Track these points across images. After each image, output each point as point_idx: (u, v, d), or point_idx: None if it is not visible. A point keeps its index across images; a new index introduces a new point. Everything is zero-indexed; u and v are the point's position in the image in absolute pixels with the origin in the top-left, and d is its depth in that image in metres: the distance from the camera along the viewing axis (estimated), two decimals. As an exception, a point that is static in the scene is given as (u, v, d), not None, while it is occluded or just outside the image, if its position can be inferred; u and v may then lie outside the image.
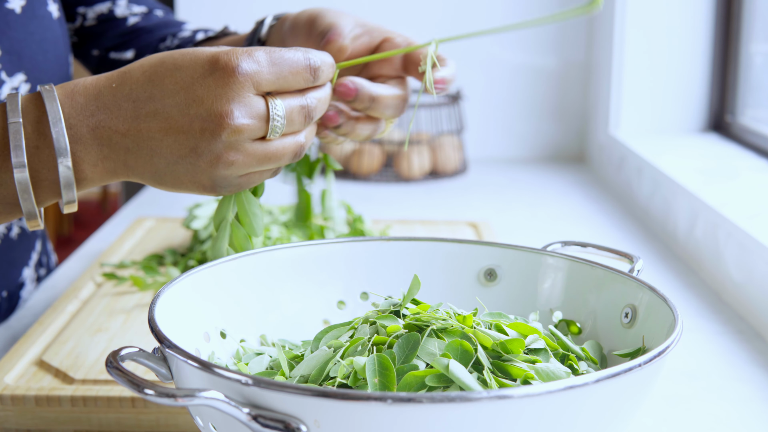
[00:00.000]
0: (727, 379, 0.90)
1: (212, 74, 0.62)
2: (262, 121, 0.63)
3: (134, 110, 0.63)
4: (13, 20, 0.89)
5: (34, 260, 1.08)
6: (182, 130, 0.62)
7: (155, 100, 0.62)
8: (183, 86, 0.62)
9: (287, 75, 0.64)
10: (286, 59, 0.64)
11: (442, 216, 1.49)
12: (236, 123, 0.62)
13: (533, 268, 0.76)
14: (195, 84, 0.62)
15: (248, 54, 0.63)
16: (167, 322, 0.62)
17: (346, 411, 0.50)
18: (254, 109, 0.63)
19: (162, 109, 0.62)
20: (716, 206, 1.18)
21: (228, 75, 0.62)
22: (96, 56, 1.06)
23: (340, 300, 0.77)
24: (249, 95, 0.62)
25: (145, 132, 0.63)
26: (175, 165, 0.64)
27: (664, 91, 1.72)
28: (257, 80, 0.63)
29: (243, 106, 0.62)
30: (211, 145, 0.62)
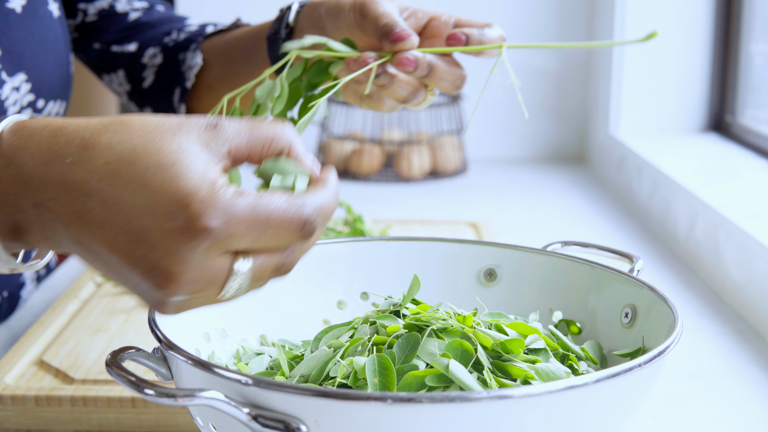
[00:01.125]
0: (727, 379, 0.90)
1: (176, 220, 0.49)
2: (217, 286, 0.52)
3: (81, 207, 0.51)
4: (13, 20, 0.89)
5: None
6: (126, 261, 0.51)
7: (107, 210, 0.50)
8: (140, 213, 0.50)
9: (269, 238, 0.51)
10: (272, 219, 0.51)
11: (442, 216, 1.49)
12: (184, 289, 0.51)
13: (533, 268, 0.76)
14: (153, 220, 0.49)
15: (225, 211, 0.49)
16: (167, 322, 0.62)
17: (346, 411, 0.50)
18: (211, 275, 0.51)
19: (111, 224, 0.50)
20: (716, 206, 1.18)
21: (192, 231, 0.49)
22: (97, 50, 1.05)
23: (340, 300, 0.77)
24: (211, 259, 0.50)
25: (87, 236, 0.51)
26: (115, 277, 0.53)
27: (664, 91, 1.72)
28: (227, 244, 0.50)
29: (198, 272, 0.50)
30: (150, 293, 0.52)
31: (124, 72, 1.04)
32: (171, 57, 1.01)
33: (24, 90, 0.90)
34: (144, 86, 1.03)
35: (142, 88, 1.03)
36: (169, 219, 0.49)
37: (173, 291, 0.51)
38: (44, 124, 0.54)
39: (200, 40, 1.00)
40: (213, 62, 0.98)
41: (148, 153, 0.50)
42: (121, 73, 1.04)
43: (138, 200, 0.50)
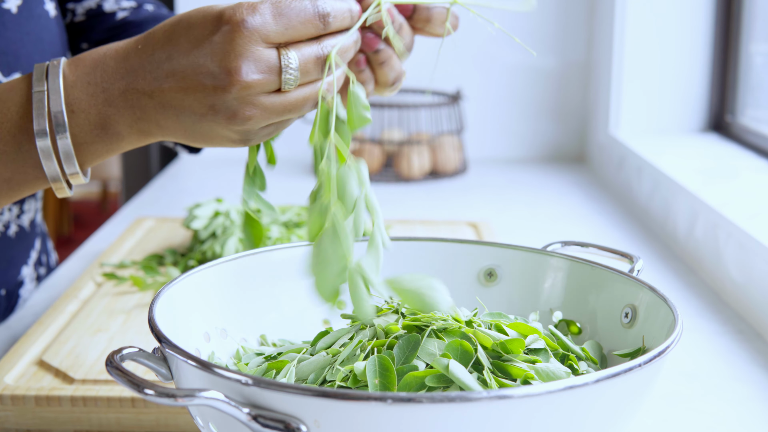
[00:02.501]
0: (727, 379, 0.90)
1: (219, 30, 0.62)
2: (274, 74, 0.63)
3: (156, 71, 0.64)
4: (9, 20, 0.89)
5: (34, 259, 1.08)
6: (198, 88, 0.63)
7: (172, 60, 0.63)
8: (195, 44, 0.63)
9: (296, 25, 0.63)
10: (292, 8, 0.63)
11: (442, 216, 1.49)
12: (245, 79, 0.62)
13: (533, 268, 0.76)
14: (204, 41, 0.62)
15: (252, 7, 0.62)
16: (167, 322, 0.62)
17: (346, 411, 0.50)
18: (264, 63, 0.62)
19: (178, 68, 0.63)
20: (716, 206, 1.18)
21: (234, 30, 0.62)
22: (85, 50, 1.05)
23: (340, 300, 0.77)
24: (258, 49, 0.62)
25: (167, 92, 0.64)
26: (200, 123, 0.64)
27: (664, 91, 1.72)
28: (265, 33, 0.62)
29: (252, 61, 0.62)
30: (225, 102, 0.63)
31: None
32: None
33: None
34: None
35: None
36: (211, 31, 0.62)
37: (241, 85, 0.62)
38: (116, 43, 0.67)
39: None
40: None
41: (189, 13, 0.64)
42: None
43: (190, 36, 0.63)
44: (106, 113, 0.65)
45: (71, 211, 4.41)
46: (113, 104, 0.65)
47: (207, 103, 0.63)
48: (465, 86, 1.94)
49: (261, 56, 0.62)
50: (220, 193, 1.62)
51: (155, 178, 1.96)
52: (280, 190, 1.68)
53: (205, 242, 1.14)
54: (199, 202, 1.19)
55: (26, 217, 1.03)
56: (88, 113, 0.65)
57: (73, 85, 0.65)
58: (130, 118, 0.66)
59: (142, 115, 0.65)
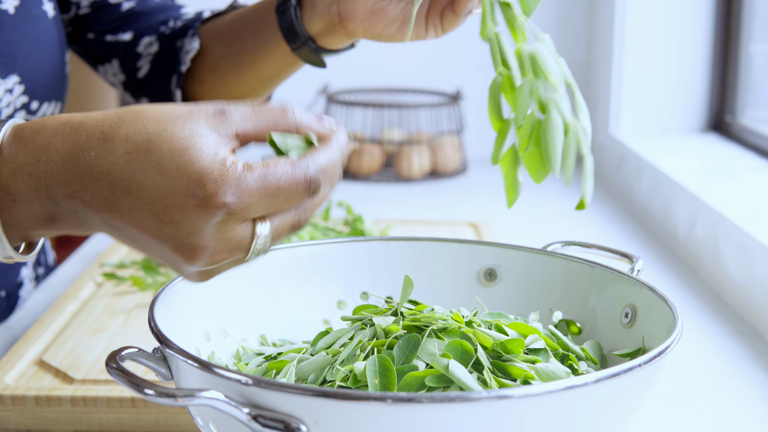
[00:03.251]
0: (727, 379, 0.90)
1: (194, 199, 0.54)
2: (242, 251, 0.57)
3: (109, 195, 0.56)
4: (5, 21, 0.89)
5: (32, 259, 1.08)
6: (156, 239, 0.56)
7: (132, 197, 0.55)
8: (162, 197, 0.55)
9: (281, 203, 0.56)
10: (281, 187, 0.55)
11: (442, 216, 1.49)
12: (212, 258, 0.56)
13: (533, 268, 0.76)
14: (175, 202, 0.54)
15: (238, 186, 0.54)
16: (167, 322, 0.62)
17: (347, 411, 0.50)
18: (235, 242, 0.56)
19: (138, 208, 0.55)
20: (716, 206, 1.18)
21: (211, 208, 0.54)
22: (92, 39, 1.04)
23: (340, 300, 0.77)
24: (233, 228, 0.55)
25: (117, 221, 0.56)
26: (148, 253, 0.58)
27: (664, 91, 1.72)
28: (245, 215, 0.55)
29: (222, 241, 0.56)
30: (181, 266, 0.57)
31: (119, 62, 1.03)
32: (168, 45, 1.01)
33: (17, 92, 0.89)
34: (139, 76, 1.02)
35: (137, 78, 1.02)
36: (188, 199, 0.54)
37: (202, 263, 0.56)
38: (65, 120, 0.58)
39: (198, 26, 1.00)
40: (214, 44, 0.98)
41: (161, 141, 0.55)
42: (115, 63, 1.03)
43: (158, 185, 0.55)
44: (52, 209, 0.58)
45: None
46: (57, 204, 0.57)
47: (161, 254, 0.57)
48: (465, 86, 1.94)
49: (233, 236, 0.56)
50: (220, 193, 1.61)
51: (155, 178, 1.96)
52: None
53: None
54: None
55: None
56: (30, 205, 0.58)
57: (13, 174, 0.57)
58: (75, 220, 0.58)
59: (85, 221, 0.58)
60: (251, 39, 0.94)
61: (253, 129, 0.57)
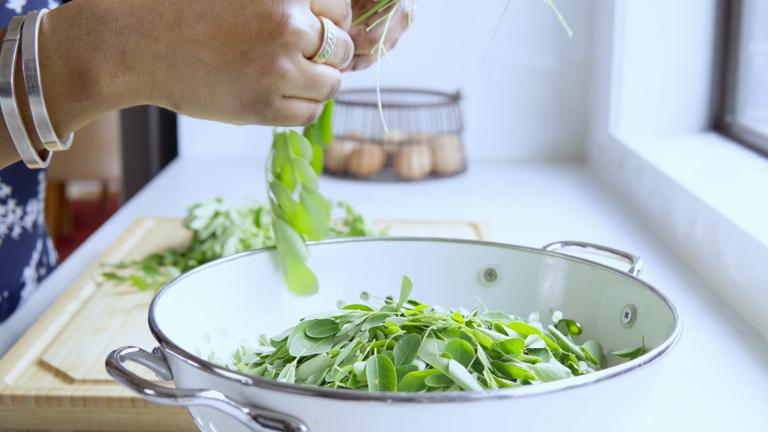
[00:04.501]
0: (727, 379, 0.90)
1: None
2: (318, 36, 0.60)
3: (174, 14, 0.57)
4: None
5: (35, 260, 1.08)
6: (234, 32, 0.57)
7: (201, 1, 0.57)
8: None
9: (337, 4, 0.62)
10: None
11: (442, 216, 1.49)
12: (298, 26, 0.58)
13: (533, 268, 0.76)
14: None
15: None
16: (167, 322, 0.62)
17: (347, 411, 0.50)
18: (312, 20, 0.59)
19: (210, 10, 0.57)
20: (716, 206, 1.18)
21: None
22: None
23: (340, 300, 0.77)
24: (306, 5, 0.59)
25: (186, 36, 0.57)
26: (216, 73, 0.58)
27: (664, 91, 1.72)
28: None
29: (303, 13, 0.58)
30: (267, 48, 0.57)
31: None
32: None
33: None
34: None
35: None
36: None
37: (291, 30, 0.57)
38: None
39: None
40: None
41: None
42: None
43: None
44: (88, 57, 0.57)
45: (71, 211, 4.41)
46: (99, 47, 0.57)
47: (240, 49, 0.57)
48: (465, 86, 1.94)
49: (309, 13, 0.59)
50: (220, 193, 1.62)
51: (155, 178, 1.96)
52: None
53: (205, 242, 1.14)
54: (199, 202, 1.19)
55: (29, 218, 1.03)
56: (65, 58, 0.57)
57: (53, 30, 0.57)
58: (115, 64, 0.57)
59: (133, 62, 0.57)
60: None
61: None
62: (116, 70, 0.57)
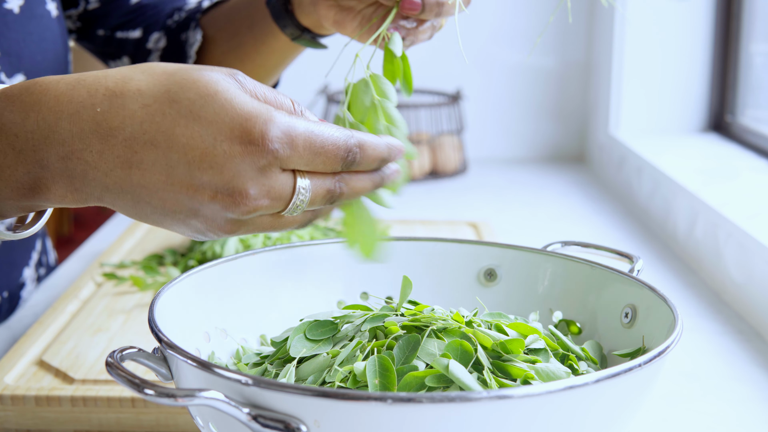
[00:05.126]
0: (727, 379, 0.90)
1: (240, 143, 0.53)
2: (283, 201, 0.56)
3: (126, 151, 0.53)
4: (11, 20, 0.89)
5: (35, 260, 1.08)
6: (185, 190, 0.54)
7: (158, 149, 0.52)
8: (199, 144, 0.52)
9: (320, 162, 0.56)
10: (325, 145, 0.55)
11: (442, 216, 1.49)
12: (254, 204, 0.54)
13: (533, 268, 0.76)
14: (216, 147, 0.53)
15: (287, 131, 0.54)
16: (167, 322, 0.62)
17: (347, 411, 0.50)
18: (277, 190, 0.55)
19: (165, 162, 0.53)
20: (716, 206, 1.18)
21: (258, 152, 0.53)
22: (102, 36, 1.05)
23: (340, 300, 0.77)
24: (275, 175, 0.54)
25: (136, 180, 0.53)
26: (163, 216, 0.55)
27: (664, 91, 1.72)
28: (287, 163, 0.54)
29: (265, 187, 0.54)
30: (216, 215, 0.55)
31: (129, 59, 1.04)
32: (174, 39, 1.02)
33: None
34: None
35: None
36: (234, 142, 0.52)
37: (243, 209, 0.54)
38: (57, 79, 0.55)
39: (198, 17, 1.00)
40: (216, 37, 0.99)
41: (184, 89, 0.53)
42: (126, 60, 1.04)
43: (194, 132, 0.52)
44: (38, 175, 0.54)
45: (71, 211, 4.41)
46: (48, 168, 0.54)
47: (189, 206, 0.54)
48: (465, 86, 1.94)
49: (275, 183, 0.54)
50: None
51: (155, 178, 1.96)
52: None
53: (205, 242, 1.14)
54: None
55: (27, 218, 1.03)
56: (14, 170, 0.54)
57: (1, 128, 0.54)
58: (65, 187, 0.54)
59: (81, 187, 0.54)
60: (249, 33, 0.95)
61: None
62: (66, 191, 0.55)
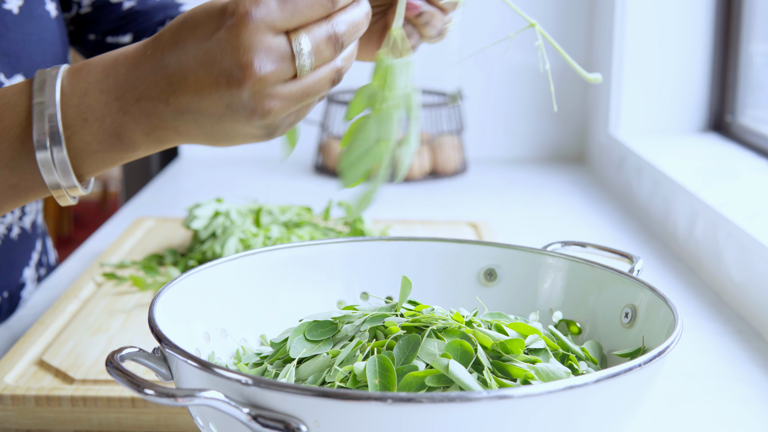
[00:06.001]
0: (727, 379, 0.90)
1: (224, 25, 0.60)
2: (288, 62, 0.60)
3: (167, 77, 0.62)
4: (10, 21, 0.89)
5: (35, 260, 1.08)
6: (212, 88, 0.61)
7: (182, 63, 0.61)
8: (202, 43, 0.60)
9: (303, 8, 0.60)
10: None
11: (442, 216, 1.49)
12: (259, 72, 0.59)
13: (533, 268, 0.76)
14: (211, 39, 0.60)
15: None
16: (167, 322, 0.62)
17: (347, 411, 0.50)
18: (276, 53, 0.60)
19: (189, 71, 0.61)
20: (716, 206, 1.18)
21: (239, 24, 0.59)
22: (93, 40, 1.05)
23: (340, 300, 0.77)
24: (267, 39, 0.60)
25: (182, 96, 0.61)
26: (220, 123, 0.62)
27: (664, 91, 1.72)
28: (271, 21, 0.60)
29: (263, 53, 0.59)
30: (242, 99, 0.60)
31: None
32: None
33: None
34: None
35: None
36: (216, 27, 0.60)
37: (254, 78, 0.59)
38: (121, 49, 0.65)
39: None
40: None
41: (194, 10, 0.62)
42: None
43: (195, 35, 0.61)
44: (122, 122, 0.63)
45: (71, 211, 4.41)
46: (128, 113, 0.63)
47: (223, 102, 0.61)
48: (465, 86, 1.94)
49: (271, 46, 0.60)
50: (220, 193, 1.62)
51: (155, 178, 1.96)
52: (282, 189, 1.68)
53: (205, 242, 1.14)
54: (199, 202, 1.19)
55: (28, 219, 1.03)
56: (102, 122, 0.63)
57: (85, 93, 0.63)
58: (146, 126, 0.63)
59: (159, 122, 0.63)
60: None
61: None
62: (149, 129, 0.63)
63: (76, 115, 0.63)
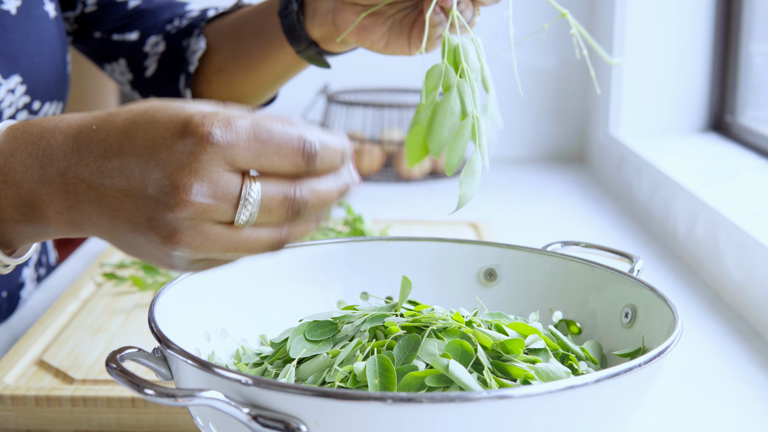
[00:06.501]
0: (727, 379, 0.90)
1: (181, 138, 0.53)
2: (229, 205, 0.53)
3: (102, 159, 0.55)
4: (8, 21, 0.89)
5: (34, 260, 1.08)
6: (140, 194, 0.54)
7: (123, 155, 0.55)
8: (150, 145, 0.54)
9: (272, 155, 0.53)
10: (273, 134, 0.53)
11: (442, 216, 1.49)
12: (193, 200, 0.52)
13: (533, 268, 0.76)
14: (162, 145, 0.53)
15: (227, 122, 0.53)
16: (167, 322, 0.62)
17: (347, 411, 0.50)
18: (221, 189, 0.53)
19: (126, 166, 0.54)
20: (716, 206, 1.18)
21: (197, 143, 0.52)
22: (98, 38, 1.05)
23: (339, 300, 0.77)
24: (218, 170, 0.53)
25: (108, 189, 0.55)
26: (133, 232, 0.55)
27: (664, 91, 1.72)
28: (231, 155, 0.53)
29: (207, 183, 0.52)
30: (165, 218, 0.53)
31: (126, 61, 1.04)
32: (174, 44, 1.02)
33: (19, 92, 0.89)
34: (147, 75, 1.03)
35: (145, 77, 1.03)
36: (173, 135, 0.53)
37: (185, 205, 0.52)
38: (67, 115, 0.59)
39: (203, 25, 1.01)
40: (219, 44, 0.99)
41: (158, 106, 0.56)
42: (122, 62, 1.04)
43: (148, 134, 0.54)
44: (38, 192, 0.57)
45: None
46: (48, 183, 0.57)
47: (145, 213, 0.54)
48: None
49: (219, 179, 0.53)
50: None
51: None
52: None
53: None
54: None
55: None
56: (19, 187, 0.58)
57: (13, 153, 0.58)
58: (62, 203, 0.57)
59: (75, 203, 0.57)
60: (256, 41, 0.95)
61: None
62: (63, 208, 0.57)
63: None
